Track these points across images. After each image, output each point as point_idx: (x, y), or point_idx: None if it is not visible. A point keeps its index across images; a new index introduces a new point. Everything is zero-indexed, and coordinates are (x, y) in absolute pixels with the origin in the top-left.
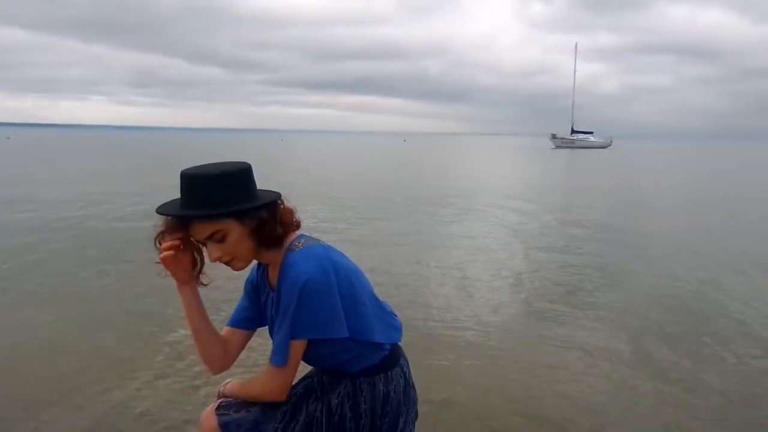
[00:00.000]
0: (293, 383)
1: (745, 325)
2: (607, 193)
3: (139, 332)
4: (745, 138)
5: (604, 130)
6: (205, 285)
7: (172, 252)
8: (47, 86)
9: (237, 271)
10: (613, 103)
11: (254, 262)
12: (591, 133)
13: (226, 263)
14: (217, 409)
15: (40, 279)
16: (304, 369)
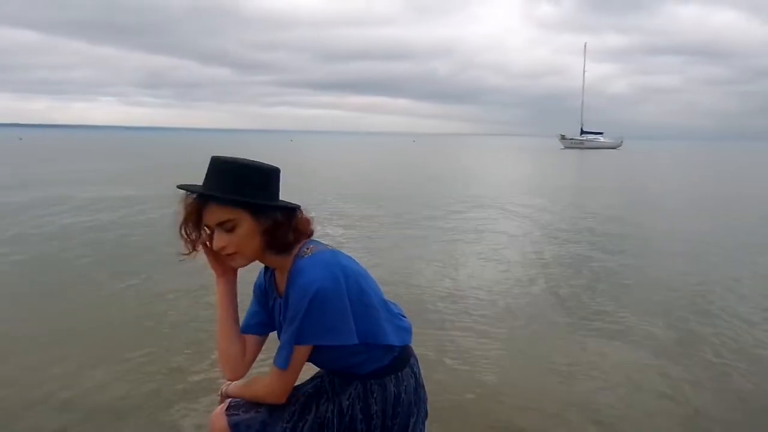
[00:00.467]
0: (301, 383)
1: None
2: (620, 192)
3: (150, 337)
4: (755, 138)
5: (614, 131)
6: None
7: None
8: (58, 88)
9: (234, 267)
10: (622, 104)
11: (261, 267)
12: (601, 133)
13: (227, 255)
14: (227, 409)
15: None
16: (312, 369)
